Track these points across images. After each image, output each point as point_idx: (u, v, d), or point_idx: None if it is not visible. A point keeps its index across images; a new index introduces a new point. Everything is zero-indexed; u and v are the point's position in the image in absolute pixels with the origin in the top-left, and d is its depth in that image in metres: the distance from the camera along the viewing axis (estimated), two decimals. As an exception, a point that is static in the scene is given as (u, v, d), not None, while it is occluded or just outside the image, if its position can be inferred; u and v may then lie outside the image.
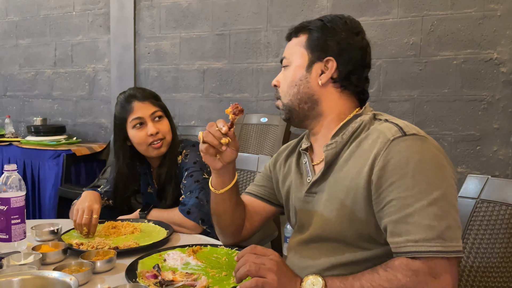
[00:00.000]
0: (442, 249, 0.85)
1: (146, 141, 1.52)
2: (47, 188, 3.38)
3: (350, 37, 1.05)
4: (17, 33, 4.31)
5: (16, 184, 1.19)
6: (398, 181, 0.89)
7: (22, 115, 4.34)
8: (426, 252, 0.85)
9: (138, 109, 1.53)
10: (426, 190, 0.88)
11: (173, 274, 1.02)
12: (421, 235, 0.86)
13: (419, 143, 0.92)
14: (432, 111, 2.79)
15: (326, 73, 1.05)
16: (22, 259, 1.07)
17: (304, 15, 3.11)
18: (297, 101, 1.07)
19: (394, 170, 0.90)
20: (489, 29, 2.63)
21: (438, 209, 0.87)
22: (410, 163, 0.89)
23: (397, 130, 0.94)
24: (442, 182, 0.90)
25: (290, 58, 1.10)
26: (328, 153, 1.02)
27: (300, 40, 1.09)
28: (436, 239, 0.85)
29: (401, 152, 0.91)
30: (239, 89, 3.38)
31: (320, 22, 1.07)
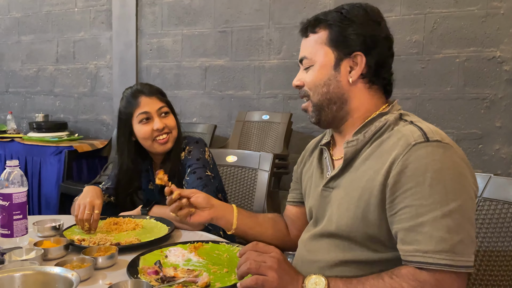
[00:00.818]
0: (452, 263, 0.83)
1: (151, 135, 1.52)
2: (49, 185, 3.39)
3: (374, 27, 1.00)
4: (19, 29, 4.31)
5: (18, 180, 1.19)
6: (414, 188, 0.86)
7: (24, 111, 4.35)
8: (434, 264, 0.83)
9: (145, 104, 1.52)
10: (442, 200, 0.85)
11: (174, 270, 1.01)
12: (431, 246, 0.84)
13: (441, 151, 0.88)
14: (435, 109, 2.78)
15: (356, 70, 1.00)
16: (24, 255, 1.07)
17: (307, 12, 3.10)
18: (326, 101, 1.03)
19: (412, 177, 0.87)
20: (492, 27, 2.62)
21: (452, 222, 0.84)
22: (429, 171, 0.86)
23: (420, 134, 0.90)
24: (460, 194, 0.86)
25: (312, 58, 1.03)
26: (348, 150, 0.99)
27: (320, 37, 1.02)
28: (446, 252, 0.83)
29: (421, 159, 0.87)
30: (241, 86, 3.38)
31: (338, 15, 1.01)
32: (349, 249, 0.98)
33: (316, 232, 1.06)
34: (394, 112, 1.01)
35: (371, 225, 0.93)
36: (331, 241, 1.01)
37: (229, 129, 3.42)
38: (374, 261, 0.95)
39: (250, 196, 1.85)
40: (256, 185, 1.84)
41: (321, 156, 1.13)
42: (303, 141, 3.14)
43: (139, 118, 1.52)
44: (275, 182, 2.96)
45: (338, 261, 0.98)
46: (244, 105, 3.36)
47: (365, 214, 0.94)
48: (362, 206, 0.94)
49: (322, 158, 1.13)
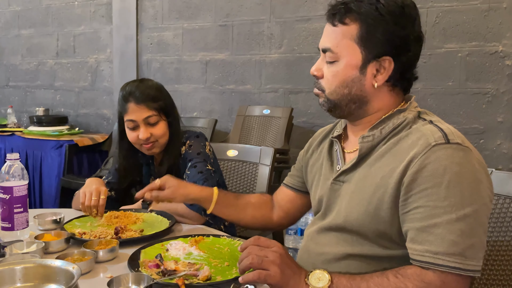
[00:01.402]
0: (461, 266, 0.83)
1: (138, 142, 1.53)
2: (49, 178, 3.39)
3: (409, 29, 0.93)
4: (20, 23, 4.30)
5: (18, 173, 1.19)
6: (431, 189, 0.85)
7: (24, 105, 4.34)
8: (444, 266, 0.83)
9: (132, 112, 1.50)
10: (458, 204, 0.84)
11: (175, 264, 1.01)
12: (442, 248, 0.83)
13: (461, 154, 0.87)
14: (436, 104, 2.77)
15: (382, 75, 0.95)
16: (24, 248, 1.07)
17: (308, 6, 3.09)
18: (345, 101, 0.98)
19: (429, 177, 0.86)
20: (495, 21, 2.61)
21: (465, 226, 0.84)
22: (447, 174, 0.85)
23: (441, 136, 0.88)
24: (476, 199, 0.86)
25: (338, 53, 0.96)
26: (363, 145, 0.97)
27: (350, 30, 0.94)
28: (457, 255, 0.83)
29: (440, 160, 0.86)
30: (242, 80, 3.37)
31: (373, 9, 0.92)
32: (358, 243, 0.97)
33: (324, 225, 1.05)
34: (412, 109, 0.98)
35: (383, 222, 0.93)
36: (339, 234, 1.00)
37: (229, 124, 3.41)
38: (382, 256, 0.95)
39: (250, 191, 1.85)
40: (257, 180, 1.84)
41: (331, 148, 1.11)
42: (304, 136, 3.14)
43: (127, 123, 1.53)
44: (276, 177, 2.96)
45: (346, 254, 0.98)
46: (245, 100, 3.36)
47: (377, 211, 0.93)
48: (374, 203, 0.93)
49: (332, 151, 1.11)
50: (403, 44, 0.94)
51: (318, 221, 1.09)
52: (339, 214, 1.01)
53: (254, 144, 2.91)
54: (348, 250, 0.98)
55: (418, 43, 0.96)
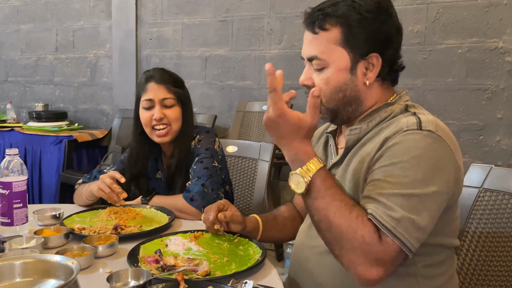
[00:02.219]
0: (392, 231, 0.83)
1: (150, 123, 1.51)
2: (48, 174, 3.39)
3: (387, 22, 0.96)
4: (18, 18, 4.28)
5: (18, 169, 1.19)
6: (390, 166, 0.88)
7: (23, 100, 4.34)
8: (378, 222, 0.84)
9: (151, 90, 1.52)
10: (407, 184, 0.85)
11: (174, 259, 1.02)
12: (380, 211, 0.85)
13: (429, 141, 0.88)
14: (436, 100, 2.77)
15: (372, 72, 0.97)
16: (24, 243, 1.08)
17: (308, 2, 3.07)
18: (342, 105, 1.00)
19: (390, 156, 0.88)
20: (495, 17, 2.60)
21: (407, 202, 0.84)
22: (407, 155, 0.87)
23: (415, 123, 0.90)
24: (428, 184, 0.86)
25: (326, 59, 0.96)
26: (350, 138, 0.99)
27: (332, 35, 0.95)
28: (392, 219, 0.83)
29: (405, 142, 0.88)
30: (242, 76, 3.36)
31: (350, 10, 0.94)
32: None
33: None
34: (401, 103, 1.00)
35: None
36: None
37: (229, 120, 3.41)
38: None
39: (250, 187, 1.86)
40: (256, 176, 1.84)
41: (326, 143, 1.13)
42: (304, 132, 3.13)
43: (143, 103, 1.53)
44: (275, 173, 2.96)
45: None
46: (245, 96, 3.35)
47: (355, 196, 0.94)
48: (352, 188, 0.95)
49: (327, 146, 1.13)
50: (386, 38, 0.96)
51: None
52: None
53: (254, 140, 2.91)
54: None
55: (398, 34, 0.99)
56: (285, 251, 2.65)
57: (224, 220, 1.16)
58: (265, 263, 1.04)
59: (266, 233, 1.23)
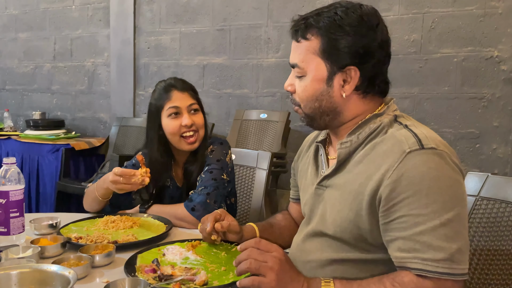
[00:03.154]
0: (450, 271, 0.83)
1: (179, 131, 1.50)
2: (45, 182, 3.38)
3: (369, 36, 0.93)
4: (17, 26, 4.29)
5: (15, 177, 1.18)
6: (412, 197, 0.85)
7: (21, 109, 4.33)
8: (433, 272, 0.83)
9: (176, 99, 1.51)
10: (440, 209, 0.84)
11: (172, 268, 1.01)
12: (430, 255, 0.83)
13: (436, 159, 0.87)
14: (432, 108, 2.79)
15: (349, 84, 0.96)
16: (20, 253, 1.07)
17: (305, 10, 3.08)
18: (319, 114, 1.00)
19: (408, 185, 0.86)
20: (490, 26, 2.63)
21: (450, 230, 0.84)
22: (425, 180, 0.85)
23: (414, 141, 0.88)
24: (457, 202, 0.86)
25: (304, 68, 0.98)
26: (342, 151, 0.98)
27: (312, 45, 0.96)
28: (445, 260, 0.83)
29: (416, 167, 0.86)
30: (239, 84, 3.38)
31: (331, 22, 0.94)
32: (341, 249, 0.98)
33: (308, 232, 1.06)
34: (390, 113, 0.99)
35: (363, 228, 0.93)
36: (323, 241, 1.01)
37: (227, 128, 3.41)
38: (365, 260, 0.96)
39: (248, 195, 1.85)
40: (254, 184, 1.84)
41: (317, 153, 1.13)
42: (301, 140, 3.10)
43: (169, 112, 1.51)
44: (273, 181, 2.96)
45: (330, 260, 0.99)
46: (242, 104, 3.36)
47: (357, 218, 0.93)
48: (354, 209, 0.94)
49: (318, 155, 1.12)
50: (366, 53, 0.94)
51: (304, 227, 1.10)
52: (323, 220, 1.01)
53: (251, 148, 2.91)
54: (332, 256, 0.98)
55: (382, 49, 0.96)
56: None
57: (221, 230, 1.16)
58: (262, 272, 1.04)
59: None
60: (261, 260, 0.87)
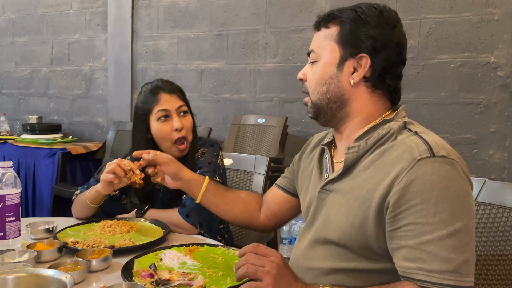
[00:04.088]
0: (456, 284, 0.82)
1: (171, 137, 1.47)
2: (42, 187, 3.36)
3: (387, 31, 0.96)
4: (14, 30, 4.29)
5: (11, 181, 1.18)
6: (420, 205, 0.84)
7: (17, 113, 4.32)
8: (438, 284, 0.82)
9: (165, 101, 1.47)
10: (448, 219, 0.83)
11: (169, 273, 1.01)
12: (436, 266, 0.82)
13: (447, 168, 0.86)
14: (429, 114, 2.80)
15: (359, 72, 0.97)
16: (16, 257, 1.06)
17: (303, 16, 3.12)
18: (326, 100, 1.00)
19: (417, 193, 0.84)
20: (487, 33, 2.65)
21: (457, 241, 0.83)
22: (435, 189, 0.84)
23: (425, 149, 0.87)
24: (465, 212, 0.85)
25: (319, 53, 1.01)
26: (349, 156, 0.97)
27: (331, 32, 1.00)
28: (451, 272, 0.82)
29: (427, 175, 0.85)
30: (237, 89, 3.38)
31: (353, 13, 0.98)
32: (344, 257, 0.97)
33: (312, 238, 1.04)
34: (399, 120, 0.98)
35: (369, 235, 0.92)
36: (327, 249, 1.00)
37: (224, 132, 3.41)
38: (369, 270, 0.94)
39: (245, 199, 1.85)
40: (251, 188, 1.83)
41: (321, 156, 1.12)
42: (299, 145, 3.13)
43: (158, 115, 1.47)
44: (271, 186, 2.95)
45: (333, 269, 0.97)
46: (240, 108, 3.36)
47: (363, 225, 0.92)
48: (360, 216, 0.92)
49: (322, 158, 1.11)
50: (381, 45, 0.96)
51: (306, 232, 1.09)
52: (326, 225, 1.00)
53: (249, 153, 2.91)
54: (335, 265, 0.97)
55: (397, 47, 0.98)
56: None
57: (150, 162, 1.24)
58: (260, 277, 1.03)
59: (209, 196, 1.28)
60: (258, 265, 0.87)
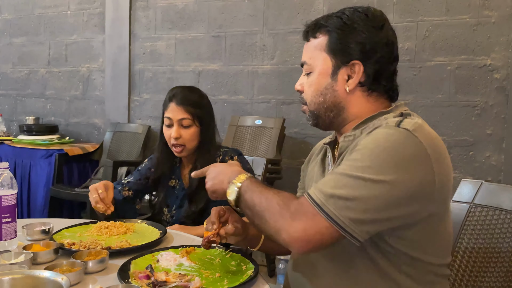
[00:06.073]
0: (319, 203, 0.84)
1: (169, 140, 1.63)
2: (38, 188, 3.35)
3: (374, 34, 0.97)
4: (11, 31, 4.28)
5: (7, 182, 1.17)
6: (350, 154, 0.89)
7: (14, 114, 4.31)
8: (310, 196, 0.86)
9: (171, 110, 1.63)
10: (360, 167, 0.84)
11: (166, 275, 1.00)
12: (320, 184, 0.87)
13: (401, 137, 0.85)
14: (426, 116, 2.80)
15: (353, 79, 0.98)
16: (12, 258, 1.06)
17: (301, 18, 3.12)
18: (323, 110, 1.02)
19: (356, 146, 0.89)
20: (484, 35, 2.66)
21: (352, 182, 0.83)
22: (372, 144, 0.86)
23: (395, 121, 0.90)
24: (386, 174, 0.82)
25: (312, 64, 1.02)
26: (344, 144, 0.99)
27: (320, 42, 1.01)
28: (323, 194, 0.84)
29: (376, 134, 0.88)
30: (234, 91, 3.38)
31: (339, 21, 0.98)
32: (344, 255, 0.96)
33: None
34: (397, 111, 0.99)
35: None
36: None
37: (222, 134, 3.40)
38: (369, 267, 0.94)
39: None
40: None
41: (324, 156, 1.13)
42: (296, 146, 3.14)
43: (165, 120, 1.65)
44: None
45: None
46: (237, 110, 3.36)
47: None
48: None
49: (325, 158, 1.12)
50: (370, 49, 0.97)
51: None
52: None
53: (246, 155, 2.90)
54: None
55: (387, 47, 0.99)
56: (277, 266, 2.63)
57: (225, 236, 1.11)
58: (257, 279, 1.04)
59: (265, 242, 1.22)
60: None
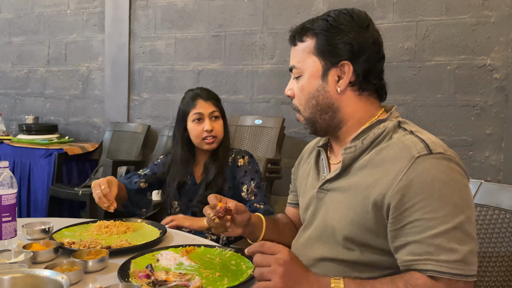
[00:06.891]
0: (463, 273, 0.85)
1: (201, 135, 1.74)
2: (38, 187, 3.35)
3: (361, 33, 0.99)
4: (11, 30, 4.27)
5: (7, 182, 1.17)
6: (424, 201, 0.87)
7: (14, 113, 4.30)
8: (447, 273, 0.84)
9: (201, 106, 1.76)
10: (452, 213, 0.86)
11: (166, 274, 1.01)
12: (443, 256, 0.85)
13: (445, 163, 0.89)
14: (426, 116, 2.81)
15: (343, 79, 0.99)
16: (12, 257, 1.06)
17: (300, 18, 3.12)
18: (318, 113, 1.03)
19: (420, 190, 0.87)
20: (483, 35, 2.66)
21: (462, 233, 0.86)
22: (436, 184, 0.87)
23: (423, 146, 0.90)
24: (466, 205, 0.89)
25: (301, 68, 1.03)
26: (346, 157, 0.99)
27: (307, 45, 1.02)
28: (458, 262, 0.85)
29: (426, 171, 0.88)
30: (234, 90, 3.38)
31: (325, 23, 1.00)
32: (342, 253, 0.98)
33: (310, 235, 1.06)
34: (393, 119, 1.00)
35: (368, 232, 0.94)
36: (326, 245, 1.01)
37: (221, 133, 3.41)
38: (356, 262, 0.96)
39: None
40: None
41: (318, 158, 1.13)
42: (296, 146, 3.14)
43: (193, 117, 1.76)
44: (268, 187, 2.95)
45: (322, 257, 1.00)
46: (237, 110, 3.36)
47: (362, 221, 0.94)
48: (359, 212, 0.94)
49: (319, 160, 1.12)
50: (358, 49, 0.98)
51: (305, 231, 1.10)
52: (325, 223, 1.02)
53: (246, 154, 2.91)
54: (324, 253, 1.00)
55: (374, 46, 1.00)
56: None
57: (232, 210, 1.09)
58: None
59: (268, 232, 1.21)
60: (265, 265, 0.87)
